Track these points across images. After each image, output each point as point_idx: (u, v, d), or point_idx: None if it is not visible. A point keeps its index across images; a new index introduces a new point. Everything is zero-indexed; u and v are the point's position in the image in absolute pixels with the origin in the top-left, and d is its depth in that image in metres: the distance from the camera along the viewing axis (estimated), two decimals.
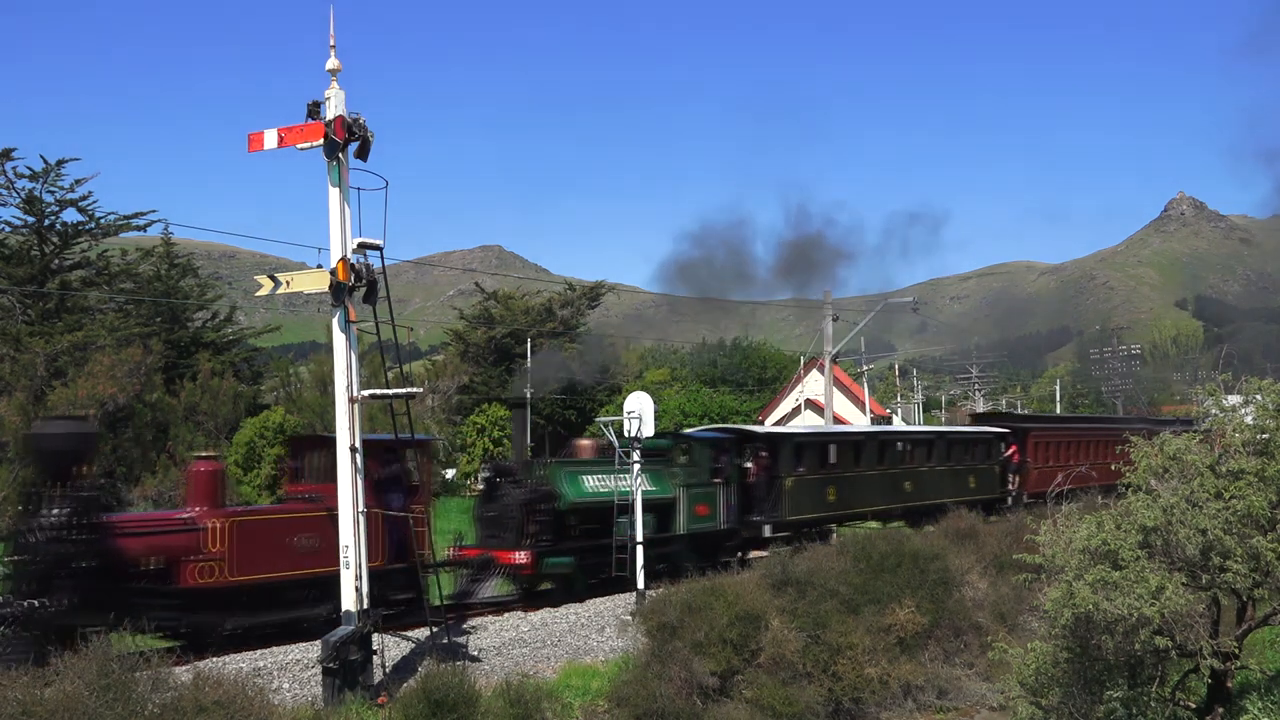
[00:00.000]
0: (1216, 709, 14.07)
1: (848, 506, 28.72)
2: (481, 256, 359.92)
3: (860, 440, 30.30)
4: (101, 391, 34.17)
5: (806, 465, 27.14)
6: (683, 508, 23.42)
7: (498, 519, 20.49)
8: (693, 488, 23.71)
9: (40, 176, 42.87)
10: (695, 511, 23.70)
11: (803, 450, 27.31)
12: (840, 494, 28.27)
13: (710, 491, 24.21)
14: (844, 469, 28.60)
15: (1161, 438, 14.85)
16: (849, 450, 29.20)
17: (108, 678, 12.17)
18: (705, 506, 24.06)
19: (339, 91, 14.92)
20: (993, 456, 35.52)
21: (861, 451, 29.62)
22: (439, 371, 55.22)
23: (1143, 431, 45.65)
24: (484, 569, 20.18)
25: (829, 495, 27.94)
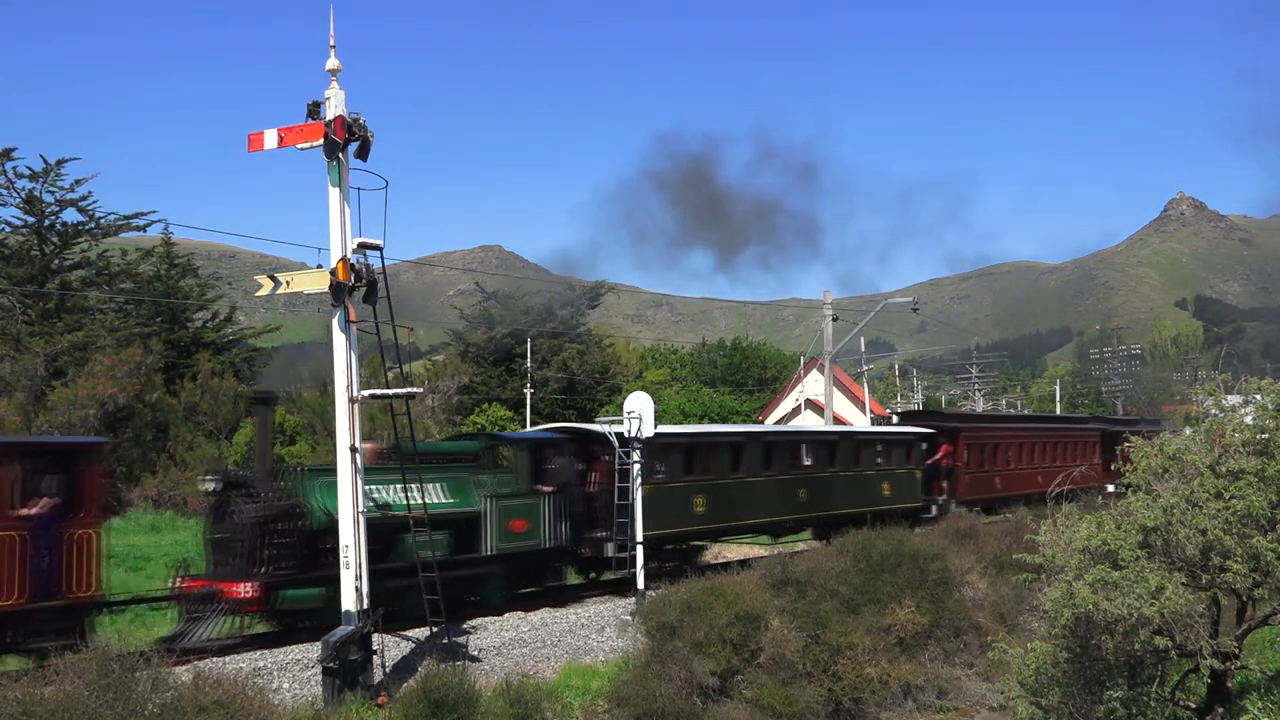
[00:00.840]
0: (1216, 709, 14.07)
1: (722, 519, 24.68)
2: (481, 256, 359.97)
3: (740, 441, 25.85)
4: (101, 391, 34.19)
5: (667, 470, 23.02)
6: (491, 523, 19.56)
7: (227, 542, 16.87)
8: (506, 499, 19.90)
9: (40, 176, 42.90)
10: (509, 527, 19.89)
11: (662, 452, 22.92)
12: (712, 504, 24.11)
13: (531, 503, 20.36)
14: (718, 474, 24.53)
15: (1161, 438, 14.84)
16: (724, 453, 25.12)
17: (108, 677, 12.18)
18: (523, 521, 20.18)
19: (339, 91, 14.93)
20: (913, 460, 31.74)
21: (742, 454, 25.40)
22: (439, 371, 55.24)
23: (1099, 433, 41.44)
24: (206, 603, 16.31)
25: (696, 506, 23.72)
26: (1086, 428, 43.99)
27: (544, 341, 57.16)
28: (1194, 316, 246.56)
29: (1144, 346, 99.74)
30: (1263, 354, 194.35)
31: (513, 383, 55.55)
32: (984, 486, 34.70)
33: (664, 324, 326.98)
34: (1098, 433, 43.09)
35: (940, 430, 34.04)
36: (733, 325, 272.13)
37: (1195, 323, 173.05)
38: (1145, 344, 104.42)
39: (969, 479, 34.02)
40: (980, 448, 35.17)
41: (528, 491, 20.50)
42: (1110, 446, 41.77)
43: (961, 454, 33.83)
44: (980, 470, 34.80)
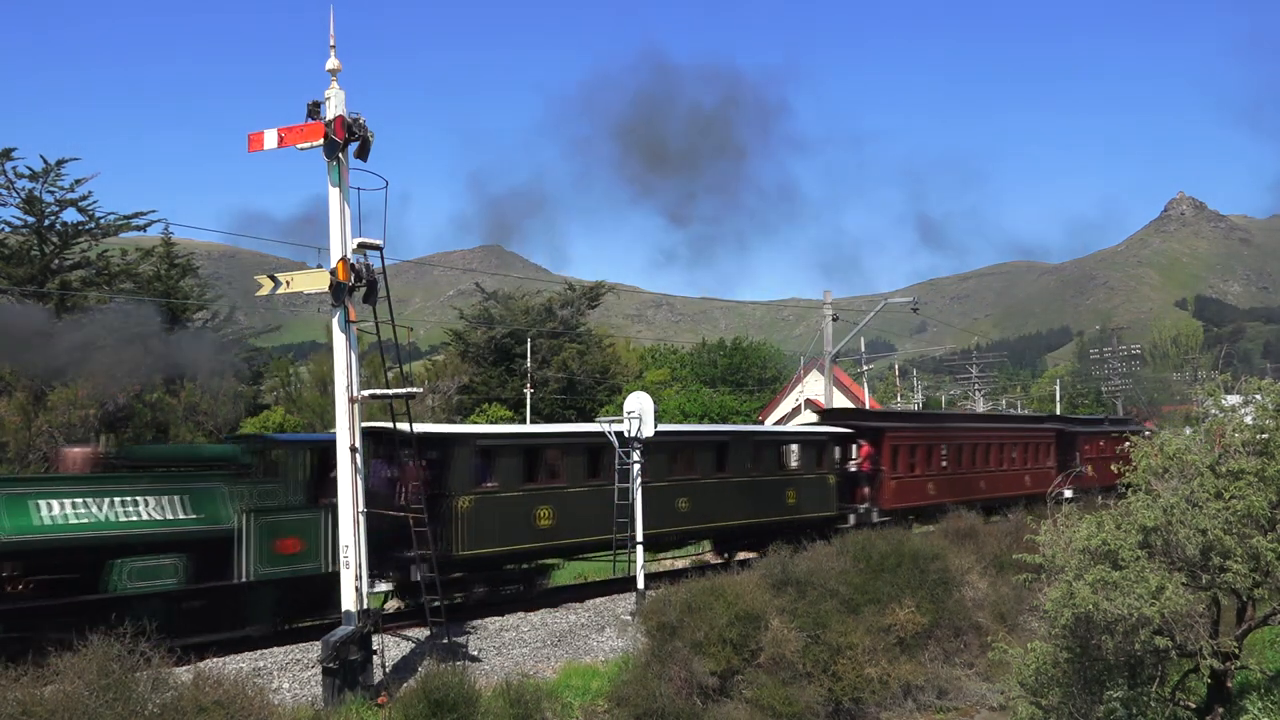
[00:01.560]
0: (1216, 709, 14.07)
1: (575, 533, 21.29)
2: (481, 256, 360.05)
3: (598, 443, 21.93)
4: (101, 392, 34.14)
5: (500, 478, 19.89)
6: (250, 543, 16.47)
7: None
8: (271, 513, 16.79)
9: (40, 176, 42.85)
10: (275, 548, 16.81)
11: (491, 457, 19.92)
12: (562, 516, 20.92)
13: (306, 519, 17.27)
14: (569, 482, 21.26)
15: (1160, 437, 14.85)
16: (576, 457, 21.67)
17: (108, 677, 12.18)
18: (297, 540, 17.12)
19: (339, 91, 14.92)
20: (825, 463, 28.08)
21: (600, 458, 21.95)
22: (439, 371, 55.23)
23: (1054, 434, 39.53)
24: None
25: (539, 519, 20.47)
26: (1039, 428, 41.24)
27: (544, 341, 57.15)
28: (1194, 316, 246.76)
29: (1144, 346, 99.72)
30: (1263, 354, 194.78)
31: (513, 383, 55.54)
32: (914, 493, 31.34)
33: (664, 324, 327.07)
34: (1053, 433, 40.40)
35: (860, 430, 30.36)
36: (733, 325, 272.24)
37: (1195, 323, 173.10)
38: (1145, 344, 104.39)
39: (895, 485, 30.44)
40: (909, 450, 31.68)
41: (303, 505, 17.26)
42: (1068, 448, 40.18)
43: (886, 456, 30.25)
44: (910, 475, 31.35)
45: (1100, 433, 43.68)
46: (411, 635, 17.70)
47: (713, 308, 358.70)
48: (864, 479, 29.84)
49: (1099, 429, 44.50)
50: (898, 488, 30.52)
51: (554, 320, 60.13)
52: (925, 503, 31.63)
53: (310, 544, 17.26)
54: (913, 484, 31.42)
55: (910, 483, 31.25)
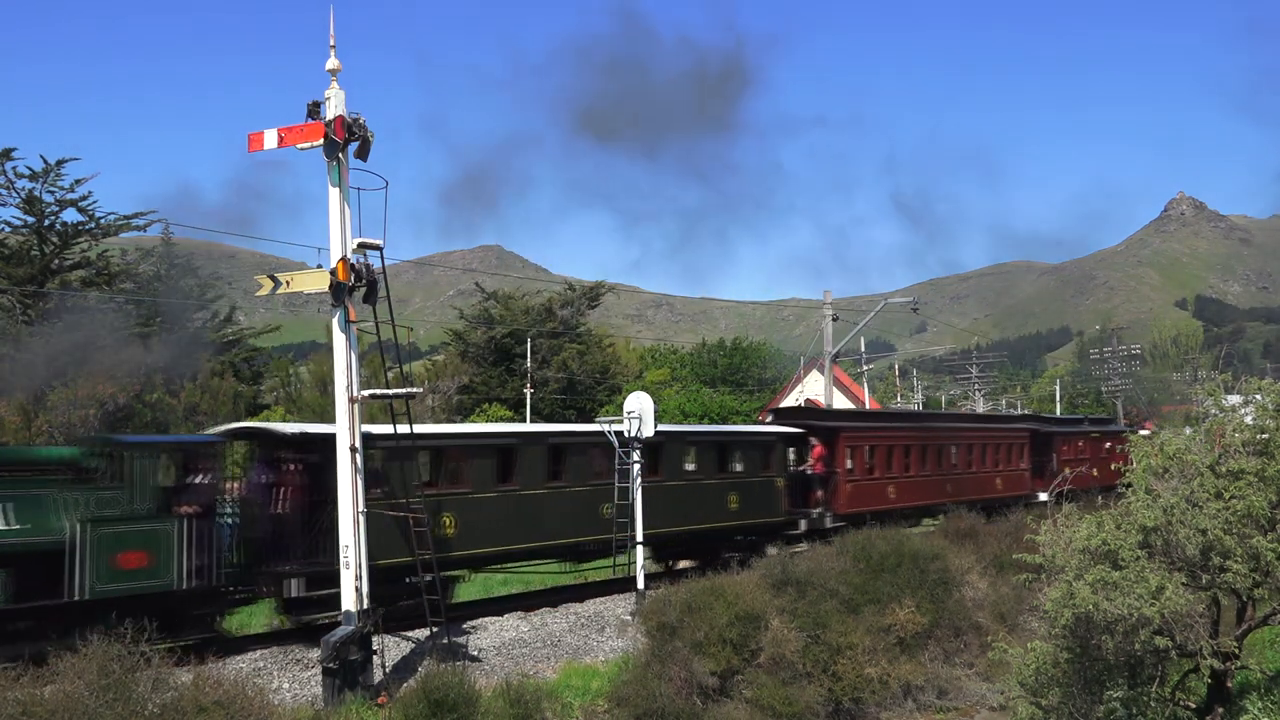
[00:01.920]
0: (1216, 709, 14.07)
1: (484, 542, 19.36)
2: (481, 256, 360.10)
3: (511, 444, 20.38)
4: (101, 391, 34.15)
5: (395, 483, 17.63)
6: (86, 556, 14.83)
7: None
8: (112, 524, 15.16)
9: (40, 176, 42.86)
10: (116, 562, 15.18)
11: (387, 461, 17.79)
12: (468, 525, 18.96)
13: (158, 530, 15.62)
14: (475, 486, 19.35)
15: (1160, 437, 14.84)
16: (484, 460, 19.73)
17: (108, 678, 12.18)
18: (143, 554, 15.43)
19: (339, 91, 14.93)
20: (774, 466, 26.11)
21: (515, 460, 20.13)
22: (439, 371, 55.22)
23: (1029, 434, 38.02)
24: None
25: (442, 527, 18.59)
26: (1012, 428, 39.60)
27: (544, 341, 57.15)
28: (1194, 316, 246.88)
29: (1144, 346, 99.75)
30: (1263, 354, 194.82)
31: (513, 383, 55.54)
32: (872, 497, 29.41)
33: (664, 324, 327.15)
34: (1027, 434, 38.69)
35: (812, 430, 28.31)
36: (733, 325, 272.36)
37: (1195, 323, 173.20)
38: (1145, 344, 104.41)
39: (851, 488, 28.47)
40: (867, 451, 29.79)
41: (153, 514, 15.66)
42: (1044, 449, 38.97)
43: (842, 458, 28.34)
44: (868, 478, 29.45)
45: (1079, 433, 42.73)
46: (411, 635, 17.69)
47: (713, 308, 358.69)
48: (817, 482, 27.89)
49: (1077, 430, 43.43)
50: (854, 491, 28.56)
51: (554, 320, 60.14)
52: (885, 507, 29.85)
53: (160, 558, 15.53)
54: (871, 487, 29.47)
55: (868, 486, 29.35)
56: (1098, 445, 42.77)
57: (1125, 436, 46.10)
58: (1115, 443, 43.10)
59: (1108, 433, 45.25)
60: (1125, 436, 46.10)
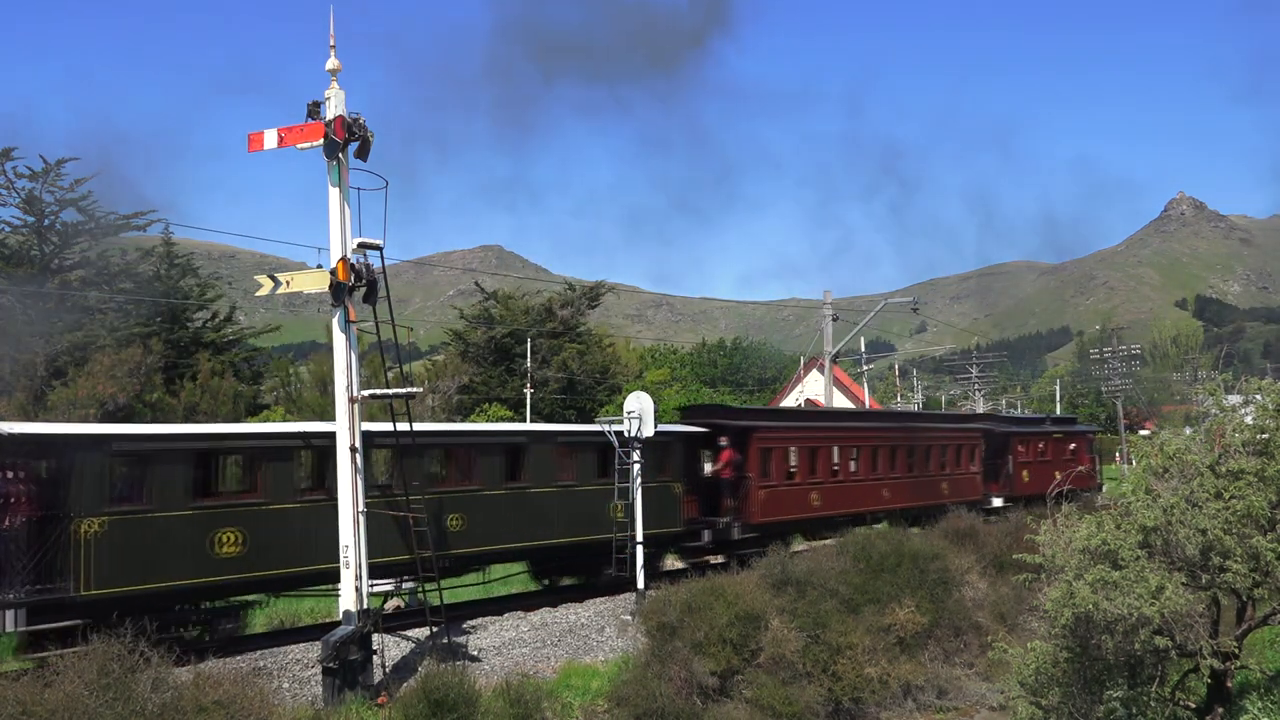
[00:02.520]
0: (1216, 709, 14.07)
1: (279, 561, 16.39)
2: (481, 256, 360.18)
3: (291, 446, 16.97)
4: (101, 391, 34.16)
5: (155, 494, 15.29)
6: None
7: None
8: None
9: (40, 176, 42.87)
10: None
11: (139, 466, 15.41)
12: (257, 541, 16.06)
13: None
14: (268, 496, 16.30)
15: (1160, 437, 14.84)
16: (280, 464, 16.58)
17: (108, 677, 12.18)
18: None
19: (339, 91, 14.92)
20: (670, 470, 23.22)
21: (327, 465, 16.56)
22: (439, 371, 55.19)
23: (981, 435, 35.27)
24: None
25: (220, 545, 15.78)
26: (963, 428, 36.08)
27: (544, 341, 57.14)
28: (1194, 316, 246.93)
29: (1144, 346, 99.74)
30: (1263, 354, 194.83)
31: (513, 383, 55.52)
32: (792, 504, 26.47)
33: (664, 324, 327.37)
34: (979, 434, 35.63)
35: (719, 429, 25.17)
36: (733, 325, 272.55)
37: (1195, 323, 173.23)
38: (1145, 344, 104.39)
39: (766, 495, 25.39)
40: (786, 453, 26.68)
41: None
42: (999, 451, 36.34)
43: (755, 461, 25.15)
44: (787, 483, 26.36)
45: (1039, 434, 39.85)
46: (411, 635, 17.69)
47: (713, 308, 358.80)
48: (726, 488, 24.76)
49: (1038, 429, 40.58)
50: (769, 499, 25.52)
51: (554, 320, 60.10)
52: (808, 515, 27.20)
53: None
54: (791, 494, 26.43)
55: (787, 492, 26.28)
56: (1060, 446, 40.21)
57: (1090, 436, 43.30)
58: (1080, 443, 41.32)
59: (1072, 433, 42.52)
60: (1090, 436, 43.30)
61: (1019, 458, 37.08)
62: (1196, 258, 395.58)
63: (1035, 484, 36.08)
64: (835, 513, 27.83)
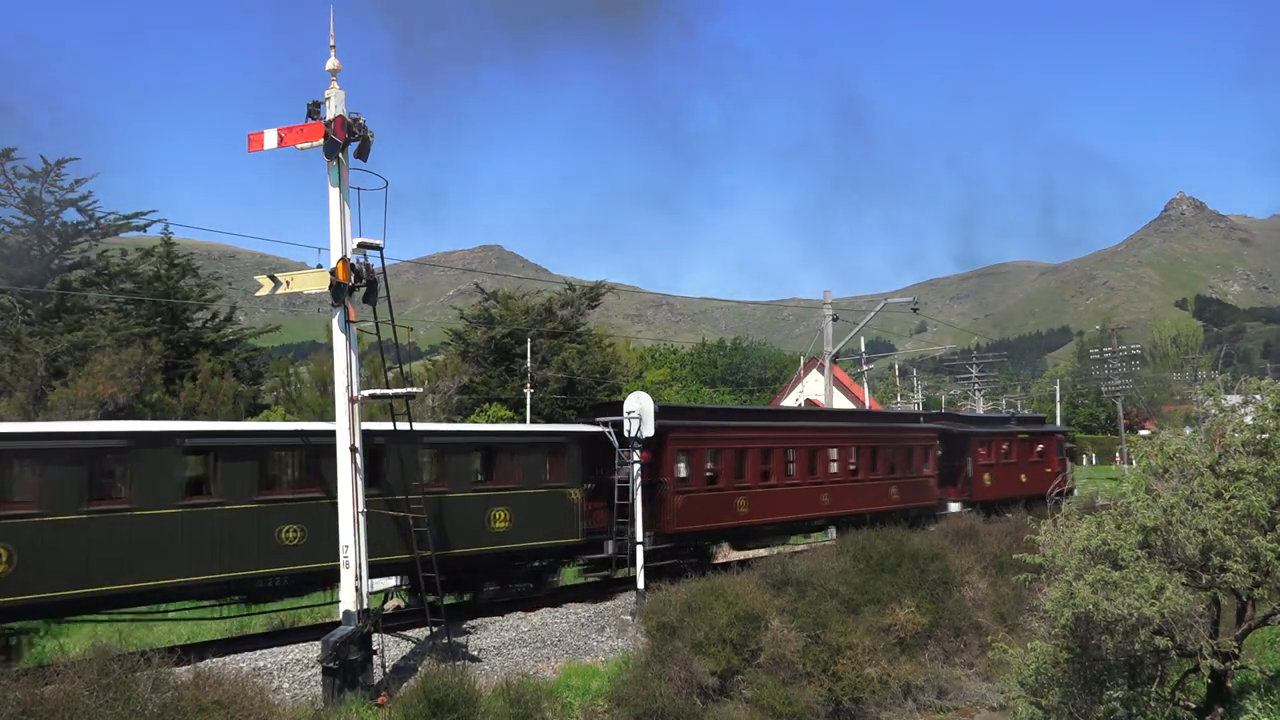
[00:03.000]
0: (1216, 709, 14.07)
1: (85, 579, 14.40)
2: (481, 256, 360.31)
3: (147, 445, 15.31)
4: (101, 391, 34.16)
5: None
6: None
7: None
8: None
9: (40, 176, 42.89)
10: None
11: None
12: (25, 558, 13.84)
13: None
14: (45, 507, 14.17)
15: (1160, 437, 14.84)
16: (78, 467, 14.56)
17: (108, 677, 12.19)
18: None
19: (339, 91, 14.92)
20: (565, 474, 20.91)
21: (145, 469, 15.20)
22: (439, 371, 55.20)
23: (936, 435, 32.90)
24: None
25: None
26: (915, 428, 33.29)
27: (544, 341, 57.17)
28: (1194, 316, 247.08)
29: (1144, 346, 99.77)
30: (1263, 354, 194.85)
31: (513, 383, 55.54)
32: (715, 511, 24.18)
33: (664, 324, 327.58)
34: (934, 435, 33.26)
35: None
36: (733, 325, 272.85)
37: (1195, 323, 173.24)
38: (1145, 344, 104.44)
39: (684, 501, 23.17)
40: (708, 454, 24.47)
41: None
42: (958, 452, 34.29)
43: (669, 463, 22.93)
44: (709, 489, 24.18)
45: (1002, 434, 37.15)
46: (411, 635, 17.70)
47: (713, 308, 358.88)
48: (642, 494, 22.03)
49: (1001, 430, 37.74)
50: (687, 505, 23.31)
51: (554, 320, 60.13)
52: (734, 523, 24.92)
53: None
54: (713, 500, 24.20)
55: (709, 498, 24.07)
56: (1027, 448, 37.88)
57: (1061, 437, 41.08)
58: (1049, 445, 39.29)
59: (1040, 434, 39.92)
60: (1061, 437, 41.08)
61: (979, 460, 34.73)
62: (1196, 258, 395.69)
63: (998, 488, 34.96)
64: (766, 520, 25.72)
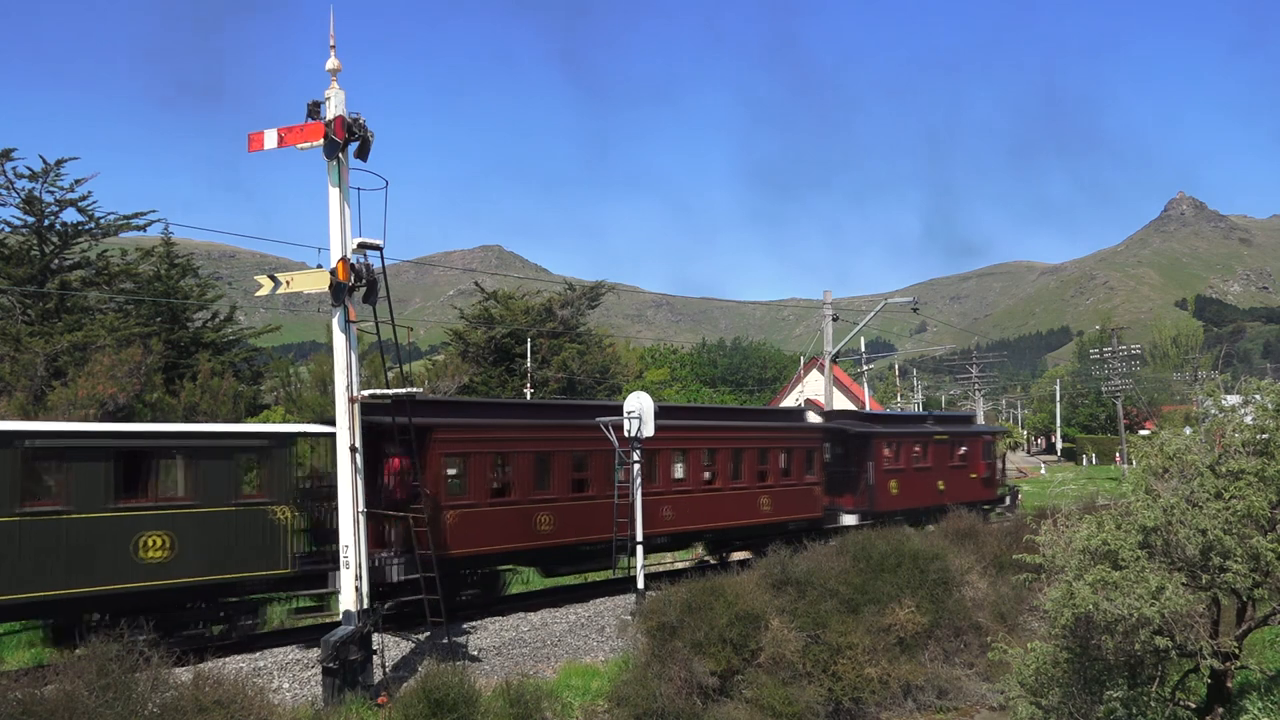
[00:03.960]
0: (1216, 709, 14.07)
1: None
2: (481, 256, 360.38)
3: None
4: (101, 391, 34.15)
5: None
6: None
7: None
8: None
9: (40, 176, 42.88)
10: None
11: None
12: None
13: None
14: None
15: (1160, 437, 14.82)
16: None
17: (107, 677, 12.18)
18: None
19: (339, 91, 14.93)
20: (271, 488, 16.96)
21: None
22: (439, 371, 55.20)
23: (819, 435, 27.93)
24: None
25: None
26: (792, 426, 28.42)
27: (544, 341, 57.19)
28: (1194, 316, 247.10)
29: (1144, 346, 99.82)
30: (1263, 354, 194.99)
31: (513, 383, 55.56)
32: (503, 530, 19.84)
33: (664, 324, 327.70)
34: (819, 435, 28.50)
35: (378, 430, 17.41)
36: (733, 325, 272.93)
37: (1195, 323, 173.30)
38: (1145, 344, 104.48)
39: (457, 520, 19.08)
40: (494, 461, 20.12)
41: None
42: (856, 456, 29.59)
43: (434, 472, 18.80)
44: (494, 503, 19.85)
45: (914, 435, 32.38)
46: (411, 635, 17.69)
47: (713, 307, 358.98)
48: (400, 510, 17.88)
49: (913, 430, 32.92)
50: (462, 524, 19.15)
51: (554, 320, 60.17)
52: (532, 545, 20.53)
53: None
54: (502, 517, 19.87)
55: (497, 516, 19.75)
56: (946, 450, 33.14)
57: (989, 439, 36.79)
58: (975, 447, 34.87)
59: (964, 435, 35.10)
60: (989, 439, 36.79)
61: (884, 464, 30.10)
62: (1196, 258, 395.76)
63: (908, 497, 30.77)
64: (580, 539, 21.27)
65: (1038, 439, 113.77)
